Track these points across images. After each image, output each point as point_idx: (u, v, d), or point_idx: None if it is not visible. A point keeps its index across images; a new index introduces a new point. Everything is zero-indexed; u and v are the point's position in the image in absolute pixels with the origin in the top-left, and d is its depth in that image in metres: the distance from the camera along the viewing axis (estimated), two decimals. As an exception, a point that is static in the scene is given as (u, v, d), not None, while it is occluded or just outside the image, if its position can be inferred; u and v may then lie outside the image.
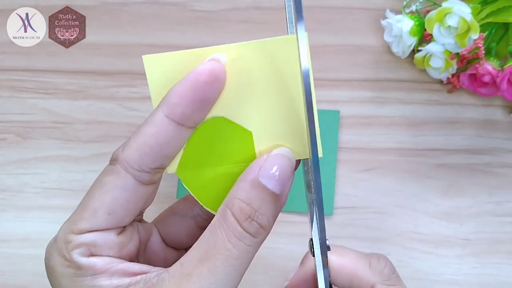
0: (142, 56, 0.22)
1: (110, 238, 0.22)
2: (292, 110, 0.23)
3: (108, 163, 0.24)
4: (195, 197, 0.24)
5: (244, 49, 0.22)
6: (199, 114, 0.22)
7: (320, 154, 0.22)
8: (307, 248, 0.43)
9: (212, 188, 0.24)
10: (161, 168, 0.23)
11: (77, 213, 0.23)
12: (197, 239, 0.24)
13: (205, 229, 0.24)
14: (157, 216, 0.29)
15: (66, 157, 0.46)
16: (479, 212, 0.43)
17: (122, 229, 0.23)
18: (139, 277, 0.22)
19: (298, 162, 0.24)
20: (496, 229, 0.43)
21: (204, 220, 0.27)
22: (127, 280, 0.22)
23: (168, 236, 0.28)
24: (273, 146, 0.23)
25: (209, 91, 0.22)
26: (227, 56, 0.22)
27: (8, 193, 0.45)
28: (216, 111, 0.23)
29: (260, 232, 0.22)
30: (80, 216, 0.22)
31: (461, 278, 0.42)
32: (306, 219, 0.44)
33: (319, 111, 0.45)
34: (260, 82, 0.23)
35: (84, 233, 0.22)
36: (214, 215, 0.23)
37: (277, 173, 0.22)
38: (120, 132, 0.46)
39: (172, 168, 0.24)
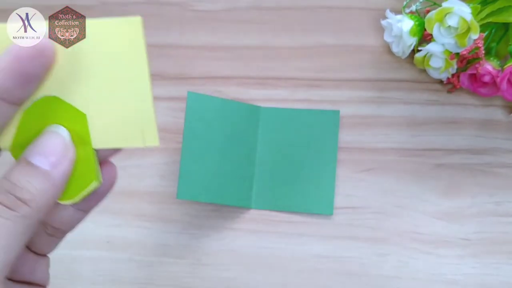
0: None
1: None
2: (127, 97, 0.23)
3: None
4: None
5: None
6: (23, 90, 0.22)
7: (156, 143, 0.23)
8: (307, 247, 0.44)
9: None
10: None
11: None
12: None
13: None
14: None
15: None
16: (479, 212, 0.43)
17: None
18: None
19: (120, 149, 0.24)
20: (496, 229, 0.43)
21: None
22: None
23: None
24: (108, 129, 0.23)
25: (33, 66, 0.21)
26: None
27: (8, 193, 0.45)
28: (49, 90, 0.23)
29: (18, 205, 0.21)
30: None
31: (461, 278, 0.42)
32: (306, 219, 0.44)
33: (319, 111, 0.45)
34: (97, 64, 0.22)
35: None
36: None
37: (48, 151, 0.22)
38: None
39: (5, 145, 0.23)
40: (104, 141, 0.23)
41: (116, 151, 0.25)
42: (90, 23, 0.22)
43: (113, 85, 0.23)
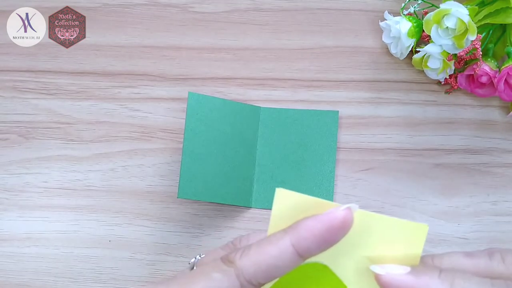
0: (276, 188, 0.23)
1: None
2: None
3: (108, 162, 0.24)
4: None
5: (371, 220, 0.24)
6: (319, 252, 0.23)
7: None
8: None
9: None
10: (263, 284, 0.24)
11: None
12: None
13: None
14: None
15: (68, 157, 0.46)
16: (477, 211, 0.44)
17: None
18: None
19: None
20: (494, 229, 0.43)
21: None
22: None
23: None
24: None
25: (336, 236, 0.23)
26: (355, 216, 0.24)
27: (11, 193, 0.46)
28: (323, 257, 0.24)
29: None
30: None
31: (459, 277, 0.42)
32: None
33: (318, 112, 0.46)
34: (374, 246, 0.24)
35: None
36: None
37: None
38: (121, 132, 0.47)
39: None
40: None
41: None
42: (383, 219, 0.24)
43: (367, 269, 0.24)
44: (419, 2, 0.45)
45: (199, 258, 0.29)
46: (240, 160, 0.44)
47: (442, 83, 0.45)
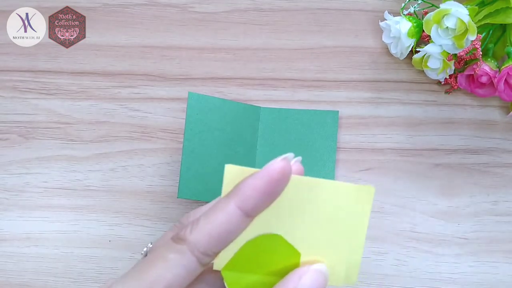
0: (225, 165, 0.24)
1: None
2: (339, 245, 0.25)
3: (108, 162, 0.25)
4: None
5: (318, 186, 0.24)
6: (265, 207, 0.24)
7: (353, 282, 0.25)
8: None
9: None
10: (219, 252, 0.24)
11: (134, 279, 0.24)
12: None
13: None
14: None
15: (68, 157, 0.46)
16: (477, 211, 0.44)
17: None
18: None
19: None
20: (493, 228, 0.43)
21: None
22: None
23: None
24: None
25: (278, 187, 0.24)
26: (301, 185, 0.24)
27: (11, 193, 0.46)
28: (275, 228, 0.25)
29: None
30: (137, 282, 0.23)
31: (459, 277, 0.42)
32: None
33: (318, 112, 0.46)
34: (320, 212, 0.25)
35: None
36: None
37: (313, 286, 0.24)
38: (121, 132, 0.47)
39: (219, 265, 0.25)
40: None
41: None
42: (330, 183, 0.25)
43: (329, 233, 0.25)
44: (419, 2, 0.45)
45: (150, 246, 0.29)
46: (240, 160, 0.44)
47: (442, 83, 0.45)
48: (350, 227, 0.25)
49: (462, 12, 0.39)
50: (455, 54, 0.42)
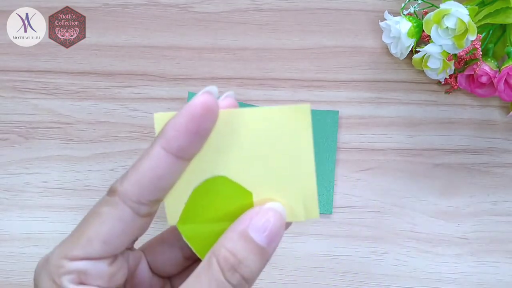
0: (154, 114, 0.23)
1: (102, 267, 0.23)
2: (290, 175, 0.23)
3: (108, 162, 0.25)
4: (193, 250, 0.25)
5: (251, 116, 0.23)
6: (195, 146, 0.23)
7: (317, 216, 0.23)
8: (305, 246, 0.44)
9: (209, 243, 0.23)
10: (158, 201, 0.23)
11: (72, 239, 0.23)
12: (182, 268, 0.24)
13: (191, 260, 0.25)
14: (146, 243, 0.29)
15: (68, 157, 0.46)
16: (477, 211, 0.44)
17: (114, 259, 0.24)
18: None
19: (289, 224, 0.25)
20: (494, 229, 0.43)
21: (191, 252, 0.26)
22: None
23: (154, 264, 0.28)
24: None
25: (203, 123, 0.22)
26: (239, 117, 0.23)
27: (11, 193, 0.46)
28: (218, 169, 0.23)
29: (242, 284, 0.22)
30: (74, 243, 0.23)
31: (459, 277, 0.42)
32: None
33: (318, 112, 0.46)
34: (264, 143, 0.23)
35: (77, 260, 0.22)
36: None
37: (267, 227, 0.22)
38: (122, 132, 0.47)
39: (173, 220, 0.24)
40: None
41: None
42: (259, 110, 0.23)
43: (275, 164, 0.23)
44: (419, 2, 0.45)
45: None
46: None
47: (442, 83, 0.45)
48: (294, 153, 0.23)
49: (462, 12, 0.39)
50: (455, 54, 0.42)
